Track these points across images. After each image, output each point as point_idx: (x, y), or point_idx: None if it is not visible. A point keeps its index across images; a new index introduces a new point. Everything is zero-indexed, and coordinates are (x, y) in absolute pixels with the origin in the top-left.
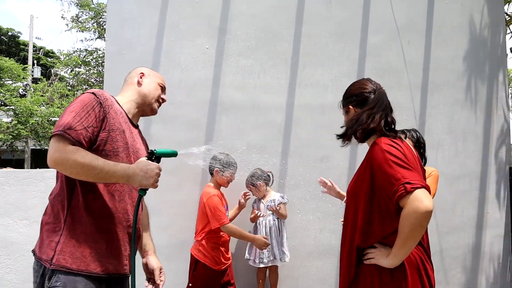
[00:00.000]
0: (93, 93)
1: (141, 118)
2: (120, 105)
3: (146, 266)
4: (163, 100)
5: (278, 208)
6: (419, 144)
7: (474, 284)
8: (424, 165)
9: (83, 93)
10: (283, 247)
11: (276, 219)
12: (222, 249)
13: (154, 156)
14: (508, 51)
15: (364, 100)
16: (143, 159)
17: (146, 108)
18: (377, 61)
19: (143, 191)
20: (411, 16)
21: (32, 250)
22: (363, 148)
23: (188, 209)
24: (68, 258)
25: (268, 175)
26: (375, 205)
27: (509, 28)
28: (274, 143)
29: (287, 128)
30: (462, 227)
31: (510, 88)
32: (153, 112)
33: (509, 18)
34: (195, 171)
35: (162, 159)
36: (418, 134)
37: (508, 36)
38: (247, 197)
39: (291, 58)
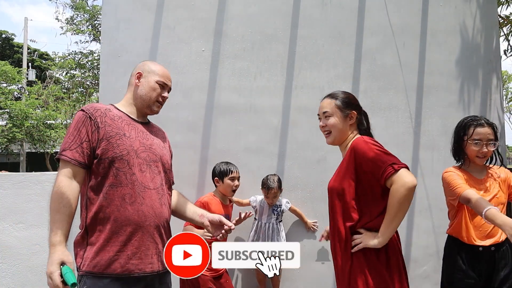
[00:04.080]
0: (82, 110)
1: None
2: (120, 110)
3: (211, 224)
4: (164, 98)
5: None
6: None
7: None
8: (500, 165)
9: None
10: None
11: (275, 222)
12: None
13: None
14: (501, 53)
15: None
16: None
17: (146, 110)
18: (373, 63)
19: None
20: (406, 19)
21: None
22: None
23: None
24: (90, 263)
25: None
26: (363, 190)
27: (503, 31)
28: (271, 145)
29: (284, 130)
30: None
31: (504, 90)
32: (153, 112)
33: (502, 20)
34: (192, 175)
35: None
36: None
37: (501, 39)
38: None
39: (287, 60)
